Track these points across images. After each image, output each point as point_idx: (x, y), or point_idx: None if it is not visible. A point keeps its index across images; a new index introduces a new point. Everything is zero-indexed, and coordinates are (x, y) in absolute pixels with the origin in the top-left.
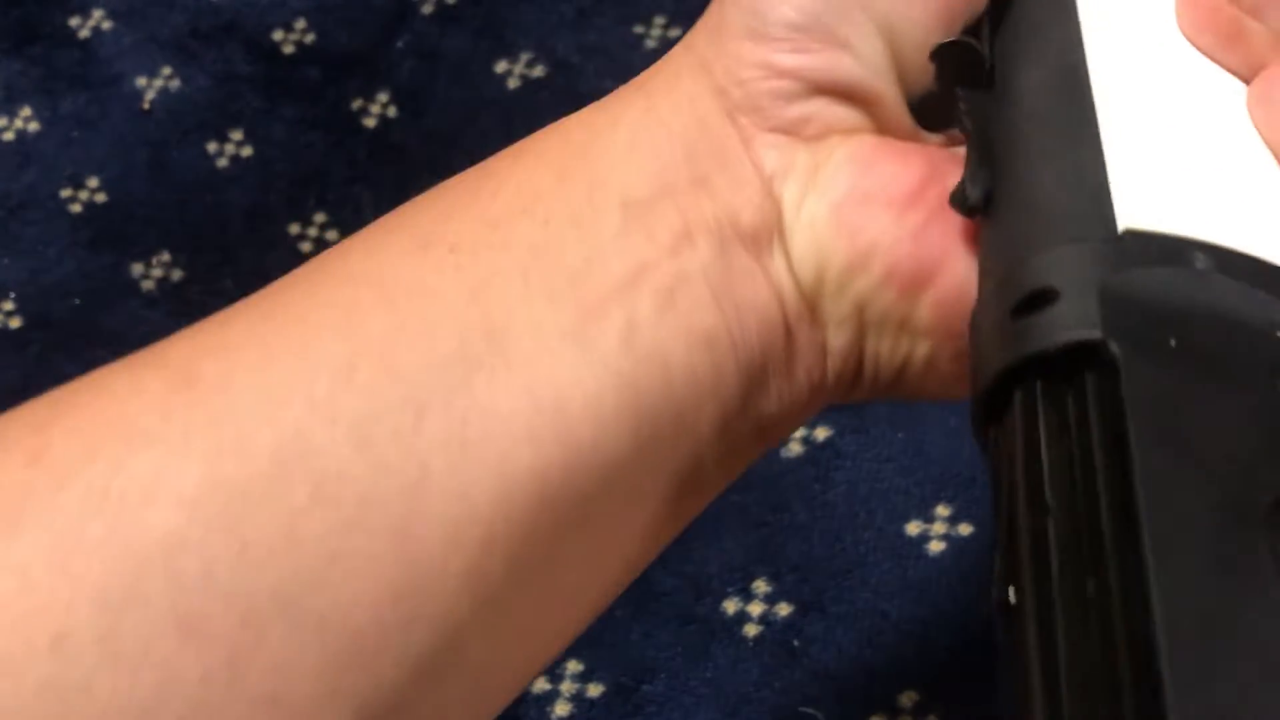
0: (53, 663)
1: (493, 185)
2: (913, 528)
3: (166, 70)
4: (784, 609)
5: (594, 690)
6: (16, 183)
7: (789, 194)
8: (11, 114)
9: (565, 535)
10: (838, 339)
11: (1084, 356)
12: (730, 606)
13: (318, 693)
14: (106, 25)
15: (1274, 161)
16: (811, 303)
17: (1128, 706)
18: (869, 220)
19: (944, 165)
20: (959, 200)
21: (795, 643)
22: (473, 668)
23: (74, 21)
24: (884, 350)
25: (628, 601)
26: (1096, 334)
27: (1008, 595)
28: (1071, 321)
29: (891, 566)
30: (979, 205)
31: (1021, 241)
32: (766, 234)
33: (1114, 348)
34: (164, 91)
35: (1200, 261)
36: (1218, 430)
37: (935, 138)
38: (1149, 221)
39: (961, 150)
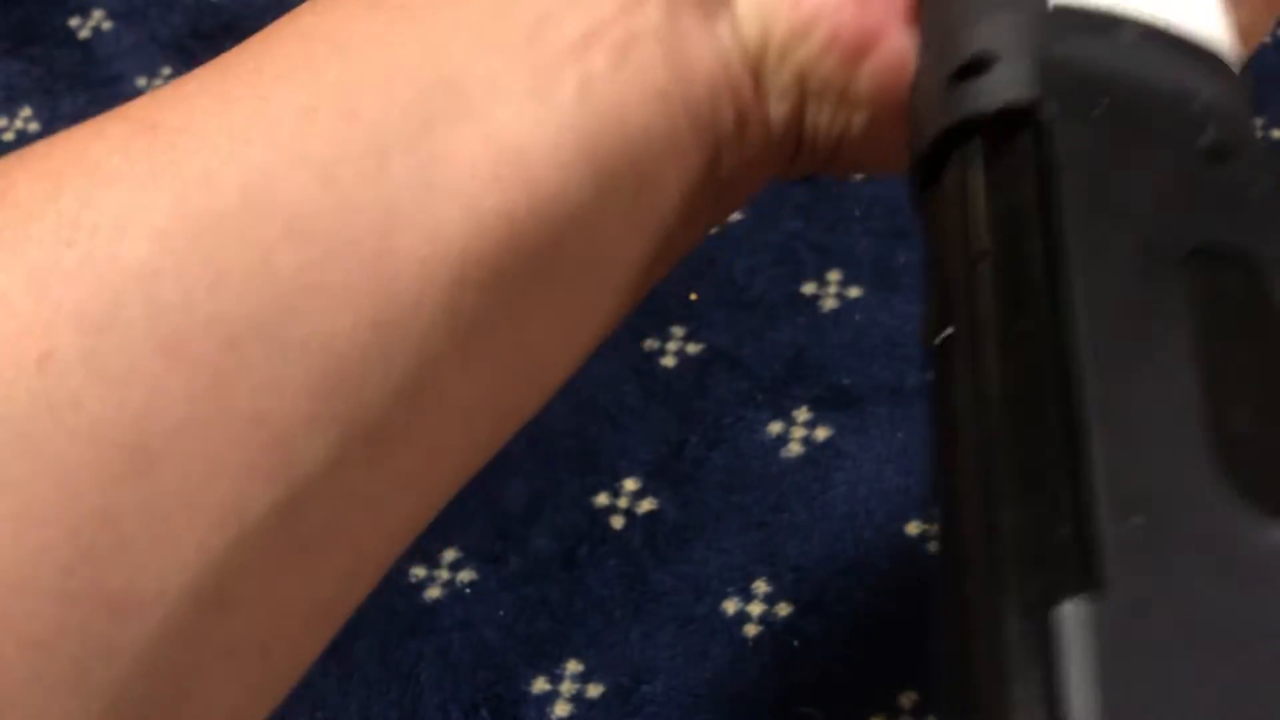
0: (41, 379)
1: None
2: (913, 528)
3: (167, 70)
4: (784, 609)
5: (593, 690)
6: None
7: None
8: (12, 114)
9: (536, 279)
10: (780, 108)
11: (1020, 120)
12: (730, 606)
13: (304, 413)
14: (106, 26)
15: None
16: (755, 70)
17: (1053, 426)
18: None
19: None
20: None
21: (795, 643)
22: (454, 402)
23: (74, 22)
24: (823, 120)
25: (627, 602)
26: (1032, 96)
27: (938, 340)
28: (1009, 84)
29: (891, 566)
30: None
31: (961, 11)
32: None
33: (1048, 108)
34: None
35: (1127, 34)
36: (1142, 188)
37: None
38: None
39: None
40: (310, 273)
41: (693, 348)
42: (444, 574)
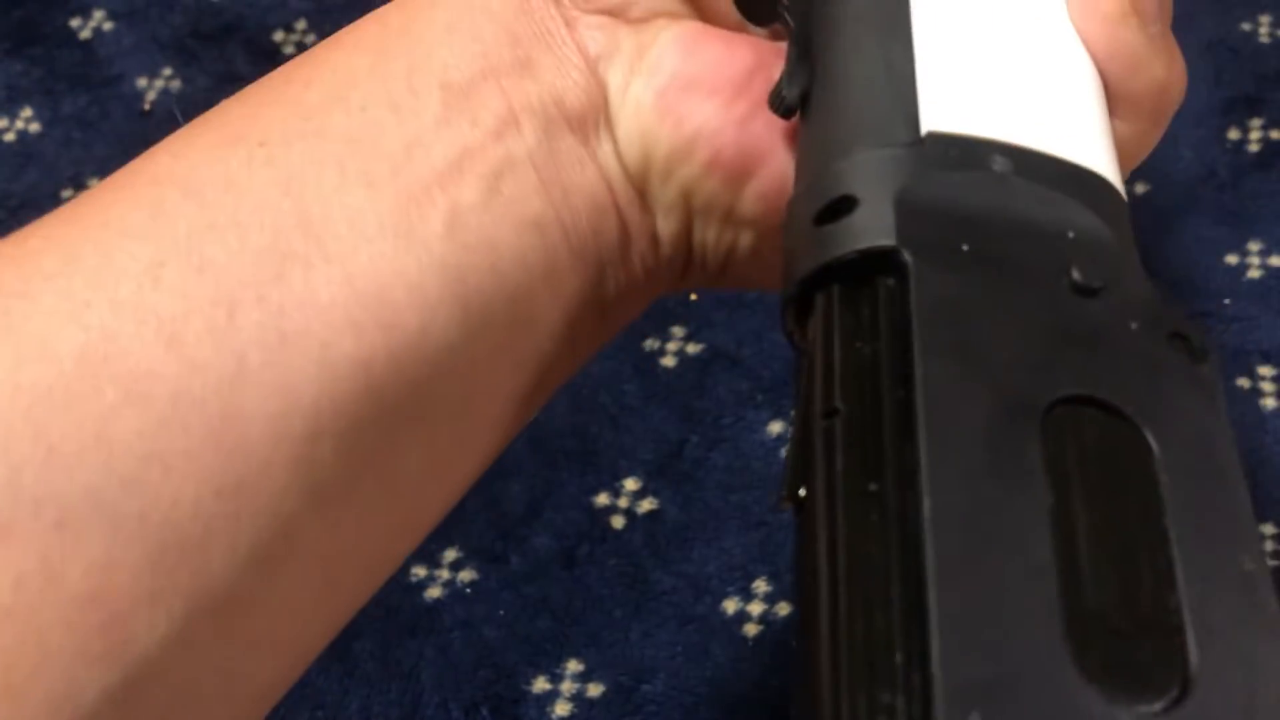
0: None
1: (306, 74)
2: None
3: (167, 71)
4: (784, 608)
5: (594, 690)
6: (18, 183)
7: (614, 78)
8: (12, 115)
9: (401, 424)
10: (667, 225)
11: (882, 264)
12: (730, 606)
13: (143, 589)
14: (107, 26)
15: (1079, 61)
16: (640, 188)
17: (896, 603)
18: (693, 107)
19: (770, 58)
20: (776, 100)
21: (795, 642)
22: (313, 559)
23: (75, 22)
24: (710, 239)
25: (627, 601)
26: (890, 242)
27: (797, 494)
28: (867, 229)
29: None
30: (795, 105)
31: (830, 144)
32: (593, 118)
33: (905, 255)
34: (165, 92)
35: (999, 164)
36: (1005, 333)
37: (761, 31)
38: (952, 124)
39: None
40: (150, 440)
41: (693, 348)
42: (444, 574)
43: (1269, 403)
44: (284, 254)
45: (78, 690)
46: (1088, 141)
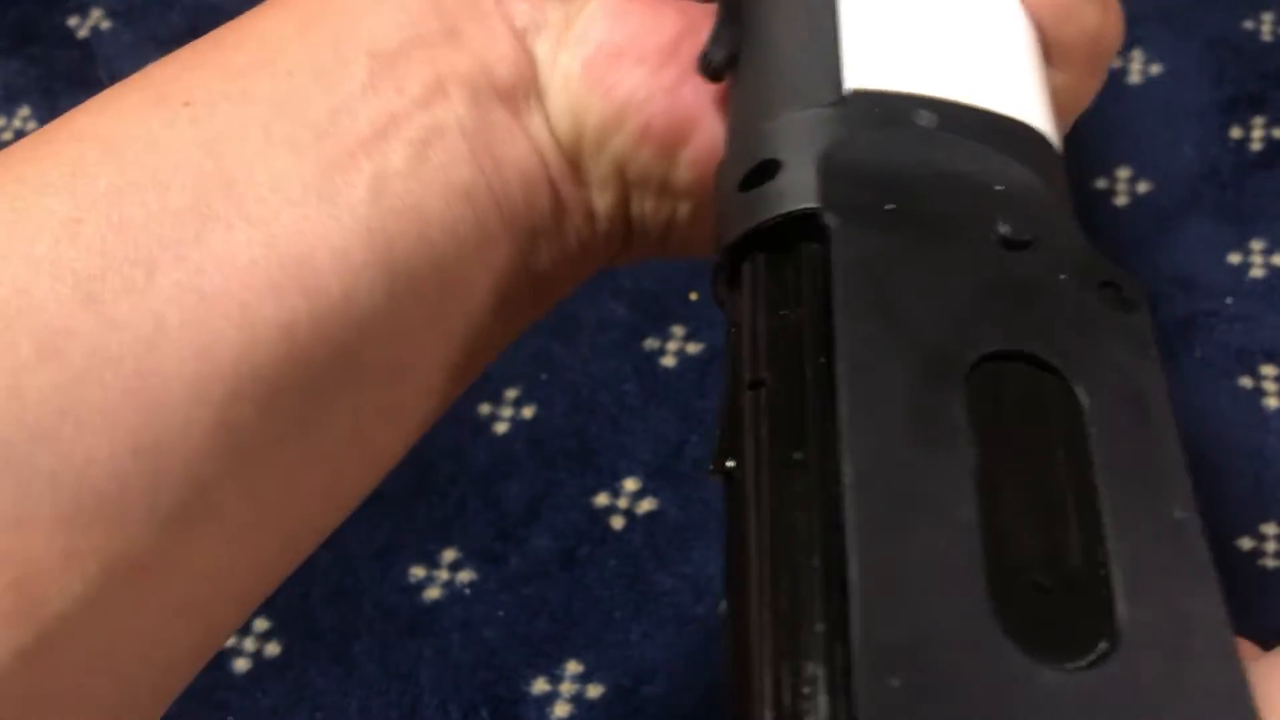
0: None
1: (234, 39)
2: None
3: None
4: None
5: (593, 691)
6: None
7: (542, 49)
8: (10, 114)
9: (324, 391)
10: (602, 199)
11: (807, 227)
12: None
13: (56, 549)
14: (105, 25)
15: (1011, 12)
16: (573, 161)
17: (818, 571)
18: (622, 76)
19: (699, 23)
20: (704, 63)
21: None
22: (233, 525)
23: (73, 21)
24: (648, 210)
25: (627, 602)
26: (812, 204)
27: (725, 464)
28: (790, 193)
29: None
30: (722, 67)
31: (756, 107)
32: (523, 90)
33: (827, 218)
34: None
35: (924, 119)
36: (929, 291)
37: None
38: (876, 80)
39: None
40: (63, 394)
41: (693, 347)
42: (443, 574)
43: (1271, 402)
44: (205, 215)
45: None
46: (1017, 93)
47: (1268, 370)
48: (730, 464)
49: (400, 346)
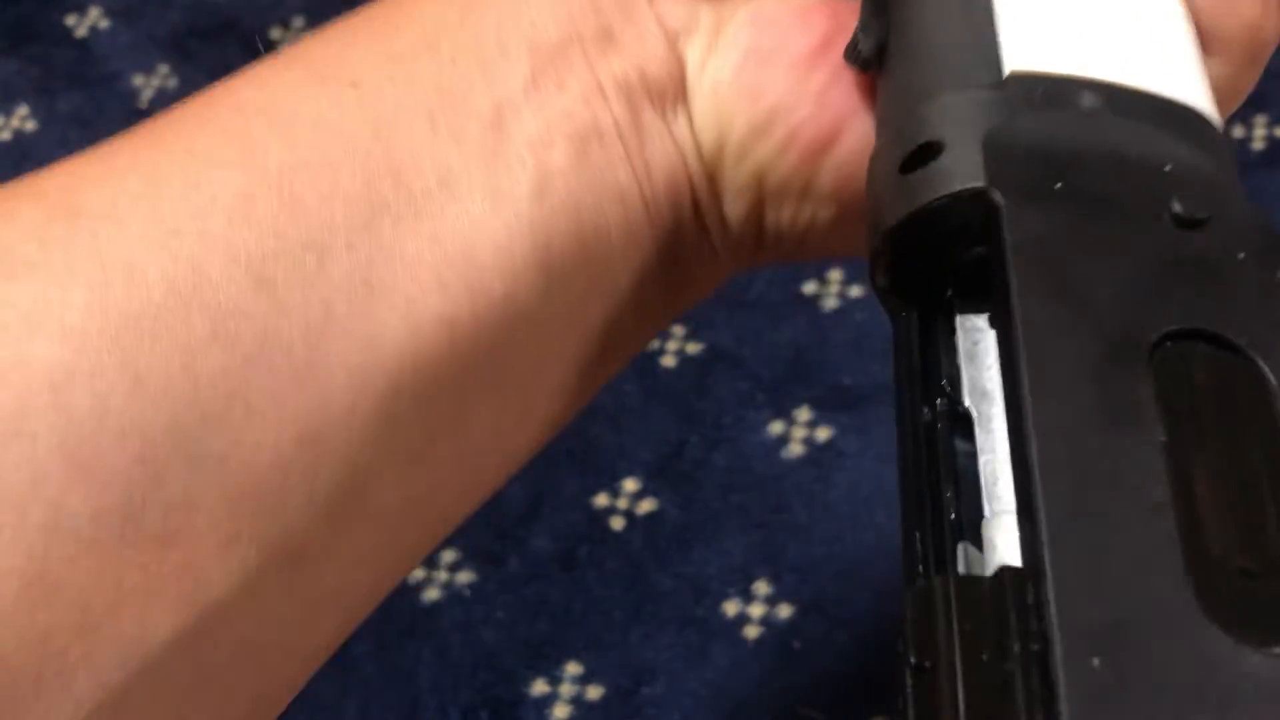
0: None
1: (397, 19)
2: None
3: (164, 69)
4: (784, 610)
5: (593, 692)
6: None
7: (692, 53)
8: (9, 113)
9: (476, 387)
10: (736, 207)
11: (978, 214)
12: (730, 608)
13: (219, 533)
14: (104, 24)
15: (1169, 2)
16: (712, 170)
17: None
18: (771, 82)
19: (847, 20)
20: (852, 53)
21: (795, 644)
22: (384, 516)
23: (71, 20)
24: (785, 217)
25: (626, 603)
26: (980, 183)
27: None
28: (956, 172)
29: (892, 567)
30: (872, 58)
31: (911, 93)
32: (672, 93)
33: (996, 196)
34: (161, 90)
35: (1088, 100)
36: (1105, 270)
37: None
38: (1036, 63)
39: None
40: (235, 377)
41: (693, 348)
42: (443, 575)
43: None
44: (374, 203)
45: (149, 633)
46: (1180, 77)
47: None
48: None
49: (546, 344)
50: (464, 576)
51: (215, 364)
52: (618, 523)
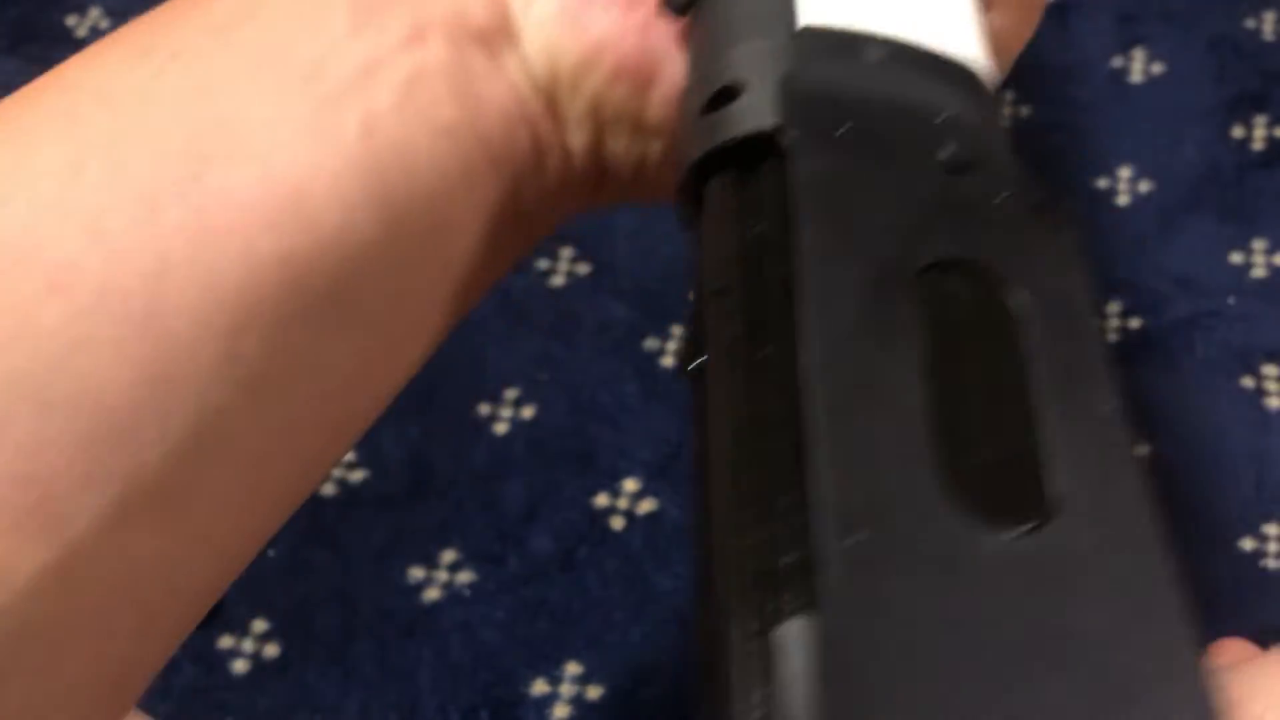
0: None
1: None
2: None
3: None
4: None
5: (593, 693)
6: None
7: None
8: None
9: (326, 323)
10: (578, 137)
11: (767, 147)
12: None
13: (76, 471)
14: (104, 24)
15: None
16: (550, 100)
17: (783, 452)
18: (595, 16)
19: None
20: (667, 1)
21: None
22: (245, 455)
23: (71, 20)
24: (621, 148)
25: (626, 603)
26: (771, 123)
27: (696, 363)
28: (751, 113)
29: None
30: (685, 5)
31: (716, 41)
32: (498, 33)
33: (787, 136)
34: None
35: (873, 54)
36: (879, 205)
37: None
38: (827, 18)
39: None
40: (76, 326)
41: None
42: (443, 575)
43: (1273, 402)
44: (202, 154)
45: (14, 564)
46: (958, 34)
47: (1269, 370)
48: (699, 361)
49: (396, 281)
50: (464, 576)
51: (54, 315)
52: (618, 523)
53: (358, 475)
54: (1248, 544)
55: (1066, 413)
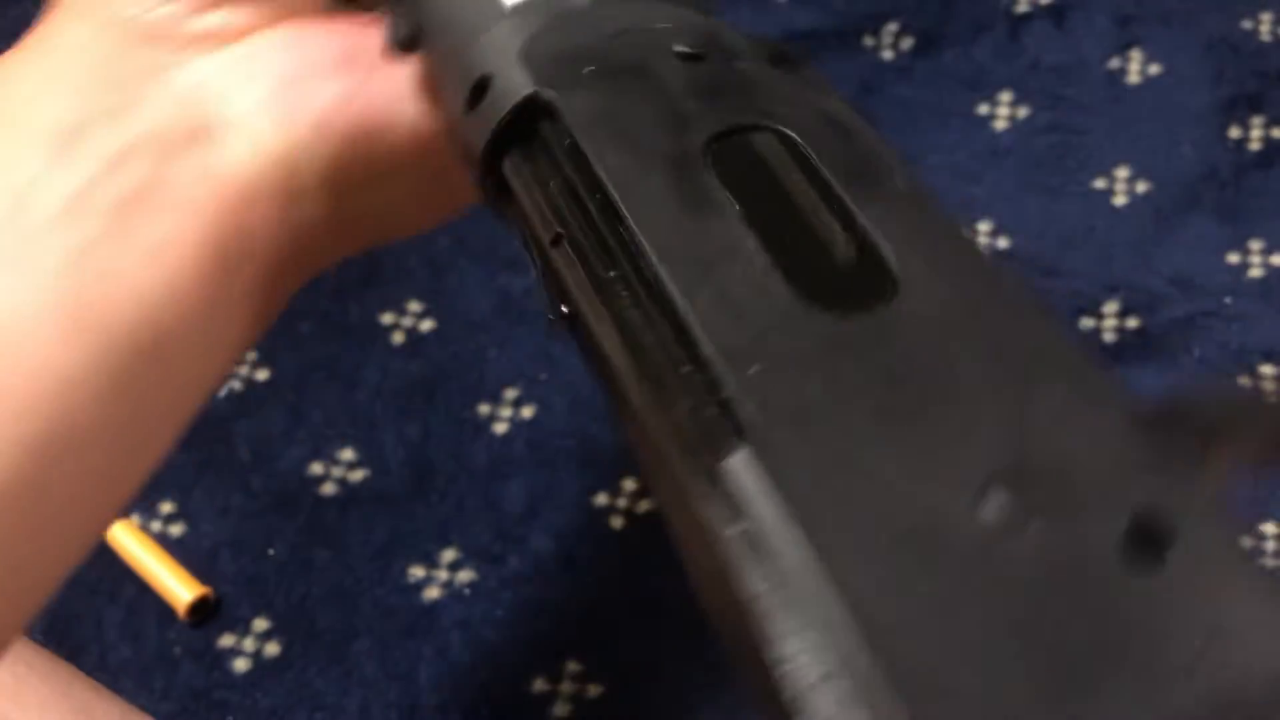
0: None
1: None
2: None
3: None
4: None
5: (593, 691)
6: None
7: (227, 96)
8: None
9: (41, 455)
10: (310, 210)
11: (537, 112)
12: None
13: None
14: None
15: None
16: (290, 170)
17: (667, 334)
18: (310, 95)
19: (371, 27)
20: (393, 40)
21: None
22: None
23: None
24: (364, 202)
25: (626, 603)
26: (530, 91)
27: (563, 311)
28: (510, 92)
29: None
30: (410, 40)
31: (453, 50)
32: (207, 133)
33: (546, 94)
34: None
35: (577, 4)
36: (646, 114)
37: (356, 9)
38: None
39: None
40: None
41: None
42: (443, 574)
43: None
44: None
45: None
46: None
47: (1266, 370)
48: (564, 309)
49: (123, 397)
50: (464, 576)
51: None
52: (617, 522)
53: (358, 475)
54: (1245, 544)
55: (875, 200)
